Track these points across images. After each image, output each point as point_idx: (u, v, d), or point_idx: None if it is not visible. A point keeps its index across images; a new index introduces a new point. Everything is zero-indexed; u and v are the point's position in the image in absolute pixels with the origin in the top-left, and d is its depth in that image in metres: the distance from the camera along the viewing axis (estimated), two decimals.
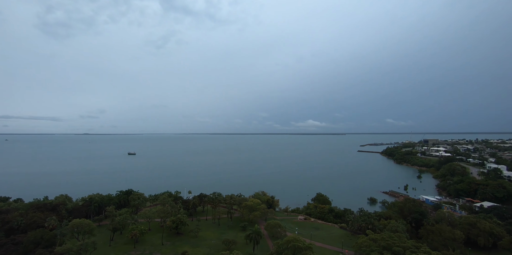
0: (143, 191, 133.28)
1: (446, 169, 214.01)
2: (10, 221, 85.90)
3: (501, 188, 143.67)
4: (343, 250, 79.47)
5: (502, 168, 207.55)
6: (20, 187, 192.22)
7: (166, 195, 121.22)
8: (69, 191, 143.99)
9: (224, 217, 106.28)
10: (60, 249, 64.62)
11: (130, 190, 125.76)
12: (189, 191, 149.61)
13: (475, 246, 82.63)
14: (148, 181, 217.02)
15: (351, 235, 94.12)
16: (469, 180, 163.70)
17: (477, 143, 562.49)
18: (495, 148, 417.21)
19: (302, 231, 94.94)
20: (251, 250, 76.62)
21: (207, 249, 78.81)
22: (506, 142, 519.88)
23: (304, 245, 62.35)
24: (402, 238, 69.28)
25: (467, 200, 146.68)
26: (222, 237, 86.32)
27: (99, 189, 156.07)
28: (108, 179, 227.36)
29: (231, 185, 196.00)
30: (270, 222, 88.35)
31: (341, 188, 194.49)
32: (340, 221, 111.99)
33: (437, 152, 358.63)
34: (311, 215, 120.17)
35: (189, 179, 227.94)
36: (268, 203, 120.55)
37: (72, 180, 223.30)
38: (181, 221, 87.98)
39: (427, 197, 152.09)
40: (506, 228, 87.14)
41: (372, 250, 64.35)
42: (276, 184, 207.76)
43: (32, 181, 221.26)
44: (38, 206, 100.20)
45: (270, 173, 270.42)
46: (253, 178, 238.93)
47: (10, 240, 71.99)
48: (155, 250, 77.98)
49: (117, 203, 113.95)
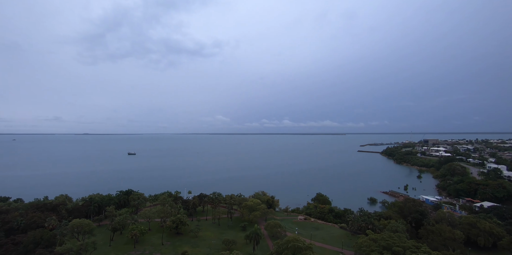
0: (143, 191, 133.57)
1: (446, 169, 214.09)
2: (10, 221, 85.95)
3: (501, 188, 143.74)
4: (342, 251, 79.47)
5: (502, 168, 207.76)
6: (20, 187, 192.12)
7: (166, 195, 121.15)
8: (69, 191, 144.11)
9: (224, 217, 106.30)
10: (60, 249, 64.64)
11: (130, 190, 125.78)
12: (189, 191, 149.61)
13: (475, 246, 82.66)
14: (148, 181, 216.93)
15: (351, 235, 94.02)
16: (469, 180, 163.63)
17: (477, 143, 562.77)
18: (495, 148, 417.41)
19: (302, 231, 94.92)
20: (251, 250, 76.64)
21: (207, 249, 78.78)
22: (506, 142, 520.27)
23: (304, 245, 62.38)
24: (402, 238, 69.21)
25: (467, 200, 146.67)
26: (222, 237, 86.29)
27: (99, 189, 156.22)
28: (108, 179, 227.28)
29: (231, 185, 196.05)
30: (270, 222, 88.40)
31: (341, 188, 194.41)
32: (340, 221, 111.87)
33: (437, 152, 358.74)
34: (311, 215, 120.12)
35: (189, 179, 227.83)
36: (268, 203, 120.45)
37: (72, 180, 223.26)
38: (181, 221, 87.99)
39: (427, 197, 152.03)
40: (506, 228, 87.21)
41: (372, 250, 64.36)
42: (276, 184, 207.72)
43: (32, 181, 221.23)
44: (38, 206, 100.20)
45: (270, 173, 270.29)
46: (253, 178, 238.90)
47: (10, 240, 71.96)
48: (155, 250, 77.95)
49: (117, 203, 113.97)
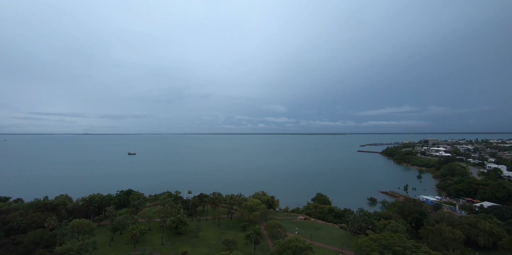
0: (143, 191, 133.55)
1: (446, 169, 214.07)
2: (10, 221, 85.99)
3: (501, 188, 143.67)
4: (342, 251, 79.48)
5: (502, 168, 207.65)
6: (20, 187, 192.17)
7: (166, 195, 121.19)
8: (69, 191, 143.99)
9: (224, 217, 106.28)
10: (60, 249, 64.65)
11: (130, 190, 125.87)
12: (189, 191, 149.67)
13: (475, 246, 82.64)
14: (148, 181, 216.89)
15: (351, 235, 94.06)
16: (469, 180, 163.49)
17: (477, 143, 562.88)
18: (495, 148, 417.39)
19: (302, 231, 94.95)
20: (251, 250, 76.69)
21: (207, 249, 78.80)
22: (506, 142, 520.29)
23: (304, 245, 62.39)
24: (402, 238, 69.23)
25: (467, 200, 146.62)
26: (222, 237, 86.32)
27: (99, 189, 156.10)
28: (108, 179, 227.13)
29: (231, 185, 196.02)
30: (270, 222, 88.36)
31: (341, 188, 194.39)
32: (340, 221, 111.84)
33: (437, 152, 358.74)
34: (311, 215, 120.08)
35: (189, 179, 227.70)
36: (268, 203, 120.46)
37: (72, 180, 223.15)
38: (181, 221, 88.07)
39: (427, 197, 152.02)
40: (506, 228, 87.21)
41: (372, 250, 64.38)
42: (276, 184, 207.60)
43: (32, 181, 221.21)
44: (38, 206, 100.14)
45: (270, 173, 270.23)
46: (253, 178, 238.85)
47: (10, 240, 71.98)
48: (155, 250, 77.96)
49: (117, 203, 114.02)
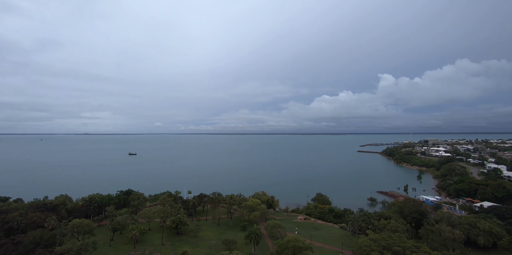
0: (143, 191, 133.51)
1: (446, 169, 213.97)
2: (10, 221, 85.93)
3: (501, 188, 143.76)
4: (342, 251, 79.47)
5: (502, 168, 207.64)
6: (20, 187, 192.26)
7: (166, 195, 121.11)
8: (69, 191, 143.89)
9: (224, 217, 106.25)
10: (60, 249, 64.59)
11: (130, 190, 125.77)
12: (189, 191, 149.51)
13: (475, 246, 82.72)
14: (148, 181, 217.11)
15: (351, 235, 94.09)
16: (469, 180, 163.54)
17: (477, 143, 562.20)
18: (495, 148, 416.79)
19: (302, 231, 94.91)
20: (251, 250, 76.68)
21: (207, 249, 78.78)
22: (506, 142, 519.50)
23: (304, 245, 62.40)
24: (402, 238, 69.25)
25: (467, 200, 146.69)
26: (222, 237, 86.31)
27: (99, 189, 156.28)
28: (108, 179, 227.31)
29: (231, 185, 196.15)
30: (270, 222, 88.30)
31: (341, 188, 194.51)
32: (340, 221, 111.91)
33: (437, 152, 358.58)
34: (311, 215, 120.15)
35: (189, 179, 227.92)
36: (268, 203, 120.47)
37: (72, 180, 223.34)
38: (181, 221, 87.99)
39: (427, 197, 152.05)
40: (506, 228, 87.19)
41: (372, 250, 64.37)
42: (276, 184, 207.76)
43: (32, 181, 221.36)
44: (38, 206, 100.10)
45: (270, 173, 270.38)
46: (253, 178, 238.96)
47: (10, 240, 71.93)
48: (155, 250, 77.93)
49: (117, 203, 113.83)
